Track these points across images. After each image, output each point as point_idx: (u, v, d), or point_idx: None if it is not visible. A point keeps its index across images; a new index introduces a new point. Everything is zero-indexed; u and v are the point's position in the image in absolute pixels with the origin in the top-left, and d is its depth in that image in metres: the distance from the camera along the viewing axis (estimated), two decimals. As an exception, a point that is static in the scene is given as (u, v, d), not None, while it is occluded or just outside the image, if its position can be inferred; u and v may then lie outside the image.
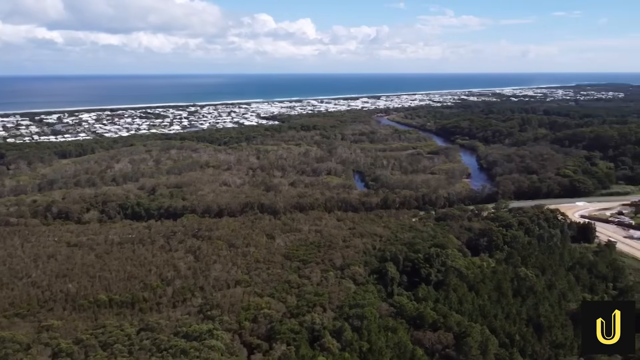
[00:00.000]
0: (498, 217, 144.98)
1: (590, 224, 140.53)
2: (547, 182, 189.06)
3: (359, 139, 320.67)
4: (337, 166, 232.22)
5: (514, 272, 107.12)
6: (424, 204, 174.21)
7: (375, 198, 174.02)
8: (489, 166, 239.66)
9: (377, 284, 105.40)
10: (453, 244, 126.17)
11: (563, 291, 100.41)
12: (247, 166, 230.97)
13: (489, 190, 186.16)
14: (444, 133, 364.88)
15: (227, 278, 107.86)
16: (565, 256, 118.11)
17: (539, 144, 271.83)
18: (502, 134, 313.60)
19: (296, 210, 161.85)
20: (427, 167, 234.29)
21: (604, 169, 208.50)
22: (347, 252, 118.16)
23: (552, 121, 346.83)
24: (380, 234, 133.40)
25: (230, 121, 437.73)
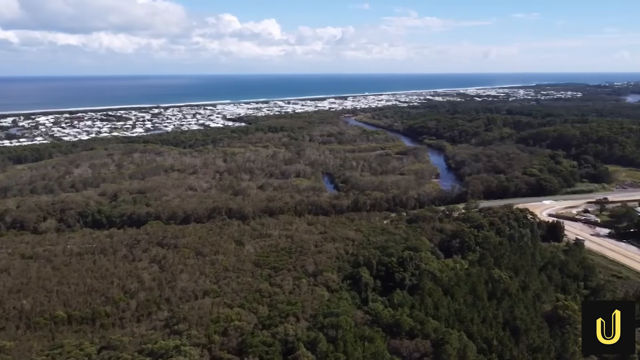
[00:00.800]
0: (469, 218, 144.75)
1: (559, 223, 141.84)
2: (514, 182, 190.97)
3: (327, 140, 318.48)
4: (306, 168, 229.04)
5: (488, 273, 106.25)
6: (395, 205, 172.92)
7: (345, 200, 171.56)
8: (457, 166, 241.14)
9: (351, 290, 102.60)
10: (426, 246, 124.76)
11: (537, 292, 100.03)
12: (213, 169, 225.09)
13: (458, 191, 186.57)
14: (412, 133, 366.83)
15: (194, 288, 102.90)
16: (537, 256, 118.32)
17: (504, 143, 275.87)
18: (469, 134, 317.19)
19: (265, 214, 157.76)
20: (397, 168, 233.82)
21: (568, 168, 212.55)
22: (319, 258, 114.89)
23: (516, 121, 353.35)
24: (353, 237, 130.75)
25: (196, 123, 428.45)
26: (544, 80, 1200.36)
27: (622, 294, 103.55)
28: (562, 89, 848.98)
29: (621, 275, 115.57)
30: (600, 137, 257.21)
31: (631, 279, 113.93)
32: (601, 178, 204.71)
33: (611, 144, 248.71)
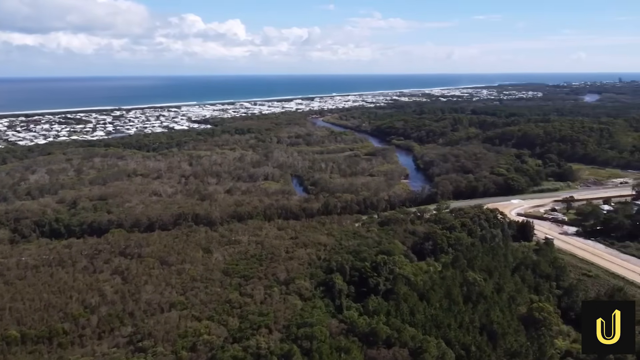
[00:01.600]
0: (441, 219, 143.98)
1: (529, 223, 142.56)
2: (483, 181, 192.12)
3: (295, 142, 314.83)
4: (274, 171, 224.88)
5: (462, 276, 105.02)
6: (366, 207, 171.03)
7: (316, 203, 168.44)
8: (425, 166, 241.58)
9: (324, 298, 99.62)
10: (399, 249, 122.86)
11: (511, 294, 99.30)
12: (179, 174, 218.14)
13: (428, 191, 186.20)
14: (380, 134, 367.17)
15: (160, 301, 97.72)
16: (509, 257, 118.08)
17: (471, 143, 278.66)
18: (436, 134, 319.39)
19: (234, 220, 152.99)
20: (366, 169, 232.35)
21: (534, 167, 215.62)
22: (291, 265, 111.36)
23: (481, 120, 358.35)
24: (324, 242, 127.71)
25: (160, 125, 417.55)
26: (506, 81, 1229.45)
27: (593, 294, 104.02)
28: (523, 89, 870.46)
29: (591, 273, 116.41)
30: (563, 136, 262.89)
31: (601, 277, 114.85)
32: (566, 176, 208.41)
33: (574, 143, 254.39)
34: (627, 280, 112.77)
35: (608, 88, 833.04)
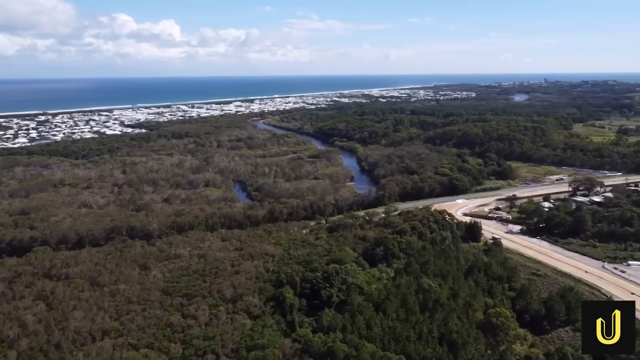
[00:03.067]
0: (390, 223, 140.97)
1: (476, 223, 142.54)
2: (428, 182, 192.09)
3: (236, 146, 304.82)
4: (215, 176, 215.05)
5: (417, 283, 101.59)
6: (313, 213, 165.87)
7: (261, 210, 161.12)
8: (370, 168, 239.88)
9: (275, 314, 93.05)
10: (350, 257, 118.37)
11: (467, 299, 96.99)
12: (111, 182, 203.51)
13: (375, 194, 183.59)
14: (322, 135, 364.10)
15: (91, 328, 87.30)
16: (461, 259, 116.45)
17: (413, 143, 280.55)
18: (378, 135, 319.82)
19: (173, 231, 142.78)
20: (310, 172, 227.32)
21: (476, 166, 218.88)
22: (237, 280, 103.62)
23: (421, 121, 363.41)
24: (272, 252, 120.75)
25: (90, 131, 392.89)
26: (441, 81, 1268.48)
27: (545, 294, 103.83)
28: (458, 89, 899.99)
29: (540, 273, 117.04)
30: (501, 135, 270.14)
31: (549, 276, 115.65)
32: (506, 175, 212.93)
33: (511, 142, 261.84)
34: (575, 278, 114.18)
35: (535, 88, 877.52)
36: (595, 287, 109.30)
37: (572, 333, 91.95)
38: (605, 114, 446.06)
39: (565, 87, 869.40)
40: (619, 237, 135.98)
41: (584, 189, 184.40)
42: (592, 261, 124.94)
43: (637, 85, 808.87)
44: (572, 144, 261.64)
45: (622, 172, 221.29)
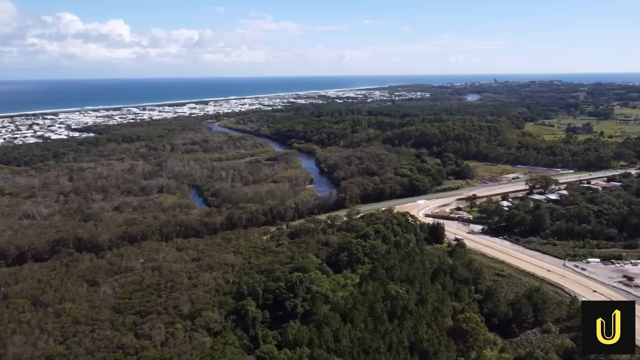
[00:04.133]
0: (353, 227, 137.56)
1: (439, 224, 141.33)
2: (389, 183, 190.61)
3: (191, 149, 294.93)
4: (169, 182, 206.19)
5: (384, 289, 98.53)
6: (273, 218, 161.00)
7: (218, 217, 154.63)
8: (329, 170, 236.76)
9: (236, 329, 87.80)
10: (314, 264, 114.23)
11: (435, 304, 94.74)
12: (56, 191, 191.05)
13: (336, 196, 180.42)
14: (280, 137, 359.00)
15: (32, 354, 79.24)
16: (426, 263, 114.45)
17: (372, 144, 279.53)
18: (337, 136, 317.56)
19: (125, 242, 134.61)
20: (269, 176, 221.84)
21: (435, 166, 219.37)
22: (195, 293, 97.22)
23: (379, 121, 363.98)
24: (232, 262, 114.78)
25: (33, 135, 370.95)
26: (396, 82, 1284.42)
27: (512, 295, 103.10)
28: (412, 90, 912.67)
29: (504, 273, 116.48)
30: (457, 134, 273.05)
31: (514, 276, 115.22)
32: (464, 174, 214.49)
33: (467, 141, 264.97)
34: (538, 277, 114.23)
35: (486, 88, 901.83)
36: (559, 286, 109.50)
37: (540, 335, 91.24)
38: (554, 113, 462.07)
39: (515, 87, 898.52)
40: (576, 234, 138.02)
41: (540, 187, 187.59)
42: (553, 259, 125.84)
43: (580, 85, 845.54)
44: (526, 143, 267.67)
45: (574, 170, 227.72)
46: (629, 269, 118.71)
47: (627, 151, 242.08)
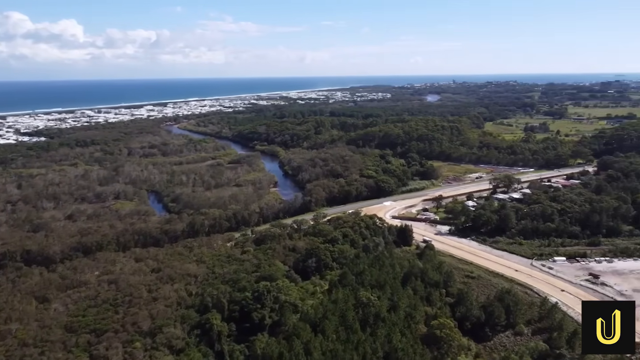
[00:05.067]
0: (320, 231, 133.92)
1: (408, 227, 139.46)
2: (355, 185, 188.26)
3: (149, 153, 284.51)
4: (127, 188, 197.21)
5: (355, 296, 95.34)
6: (237, 223, 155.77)
7: (180, 224, 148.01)
8: (294, 172, 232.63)
9: (201, 345, 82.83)
10: (281, 271, 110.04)
11: (407, 310, 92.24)
12: (3, 199, 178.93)
13: (301, 200, 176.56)
14: (242, 139, 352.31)
15: (-27, 384, 71.74)
16: (396, 267, 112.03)
17: (336, 145, 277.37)
18: (300, 137, 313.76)
19: (78, 253, 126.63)
20: (232, 179, 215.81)
21: (400, 167, 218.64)
22: (155, 308, 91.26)
23: (342, 122, 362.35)
24: (195, 272, 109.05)
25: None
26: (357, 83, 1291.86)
27: (483, 297, 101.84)
28: (374, 91, 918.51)
29: (473, 275, 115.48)
30: (420, 135, 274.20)
31: (483, 278, 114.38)
32: (429, 175, 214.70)
33: (430, 141, 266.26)
34: (507, 278, 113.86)
35: (445, 89, 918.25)
36: (528, 286, 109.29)
37: (513, 338, 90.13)
38: (511, 113, 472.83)
39: (472, 87, 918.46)
40: (542, 233, 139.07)
41: (503, 187, 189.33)
42: (520, 259, 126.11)
43: (534, 86, 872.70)
44: (487, 143, 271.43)
45: (535, 168, 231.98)
46: (594, 266, 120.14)
47: (584, 149, 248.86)
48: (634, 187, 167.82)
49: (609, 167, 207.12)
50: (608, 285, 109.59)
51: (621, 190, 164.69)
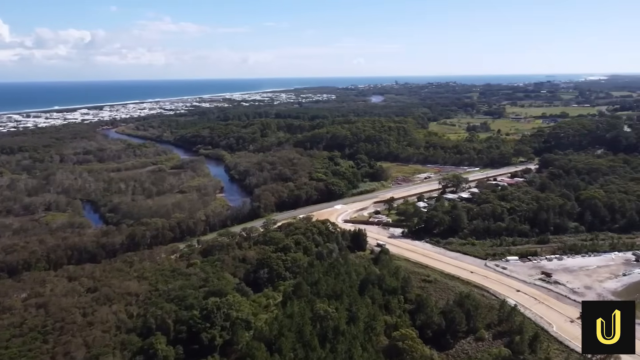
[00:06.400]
0: (272, 239, 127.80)
1: (361, 231, 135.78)
2: (304, 189, 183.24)
3: (84, 159, 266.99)
4: (59, 198, 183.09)
5: (311, 309, 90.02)
6: (182, 233, 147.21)
7: (118, 236, 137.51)
8: (240, 177, 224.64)
9: (144, 374, 74.46)
10: (231, 284, 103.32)
11: (367, 321, 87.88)
12: None
13: (250, 206, 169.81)
14: (185, 143, 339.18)
15: None
16: (352, 274, 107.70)
17: (283, 148, 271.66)
18: (246, 140, 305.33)
19: (2, 274, 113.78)
20: (175, 186, 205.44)
21: (349, 169, 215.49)
22: (91, 334, 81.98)
23: (288, 124, 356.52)
24: (136, 290, 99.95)
25: None
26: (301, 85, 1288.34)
27: (442, 302, 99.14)
28: (318, 92, 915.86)
29: (430, 278, 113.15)
30: (368, 136, 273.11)
31: (440, 281, 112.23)
32: (379, 176, 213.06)
33: (378, 142, 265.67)
34: (463, 280, 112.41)
35: (388, 90, 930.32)
36: (484, 288, 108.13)
37: (475, 344, 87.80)
38: (453, 112, 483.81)
39: (414, 88, 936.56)
40: (493, 232, 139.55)
41: (452, 186, 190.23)
42: (474, 260, 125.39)
43: (473, 86, 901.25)
44: (433, 143, 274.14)
45: (480, 167, 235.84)
46: (545, 264, 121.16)
47: (525, 148, 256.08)
48: (575, 184, 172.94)
49: (550, 164, 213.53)
50: (561, 284, 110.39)
51: (564, 187, 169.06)
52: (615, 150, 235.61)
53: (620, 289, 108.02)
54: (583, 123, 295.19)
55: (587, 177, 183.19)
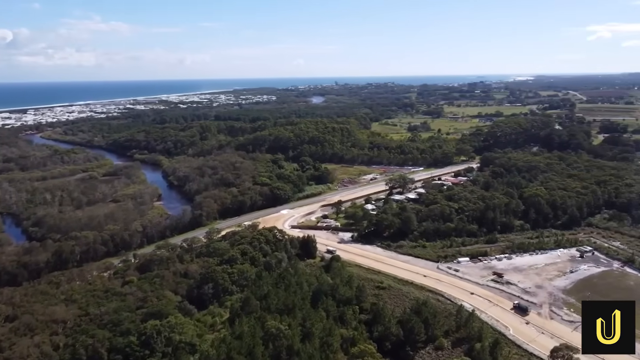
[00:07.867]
0: (216, 250, 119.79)
1: (310, 237, 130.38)
2: (249, 194, 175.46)
3: (4, 168, 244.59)
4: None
5: (262, 326, 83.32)
6: (116, 247, 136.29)
7: (43, 253, 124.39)
8: (180, 183, 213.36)
9: (72, 416, 64.99)
10: (172, 303, 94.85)
11: (323, 337, 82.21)
12: None
13: (191, 214, 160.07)
14: (118, 148, 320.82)
15: None
16: (304, 285, 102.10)
17: (224, 151, 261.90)
18: (184, 144, 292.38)
19: None
20: (108, 195, 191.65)
21: (294, 172, 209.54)
22: (8, 373, 71.12)
23: (229, 126, 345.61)
24: (63, 317, 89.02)
25: None
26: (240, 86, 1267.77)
27: (399, 311, 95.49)
28: (258, 93, 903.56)
29: (384, 285, 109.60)
30: (312, 137, 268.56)
31: (394, 287, 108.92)
32: (324, 179, 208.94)
33: (322, 144, 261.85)
34: (417, 285, 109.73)
35: (329, 90, 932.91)
36: (438, 292, 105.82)
37: (435, 353, 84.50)
38: (393, 113, 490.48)
39: (354, 89, 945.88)
40: (443, 233, 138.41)
41: (399, 187, 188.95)
42: (426, 263, 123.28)
43: (410, 87, 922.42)
44: (377, 143, 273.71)
45: (424, 167, 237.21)
46: (496, 264, 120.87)
47: (466, 147, 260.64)
48: (517, 182, 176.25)
49: (491, 163, 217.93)
50: (512, 284, 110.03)
51: (507, 185, 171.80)
52: (549, 148, 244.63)
53: (569, 286, 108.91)
54: (519, 122, 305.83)
55: (527, 175, 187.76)
